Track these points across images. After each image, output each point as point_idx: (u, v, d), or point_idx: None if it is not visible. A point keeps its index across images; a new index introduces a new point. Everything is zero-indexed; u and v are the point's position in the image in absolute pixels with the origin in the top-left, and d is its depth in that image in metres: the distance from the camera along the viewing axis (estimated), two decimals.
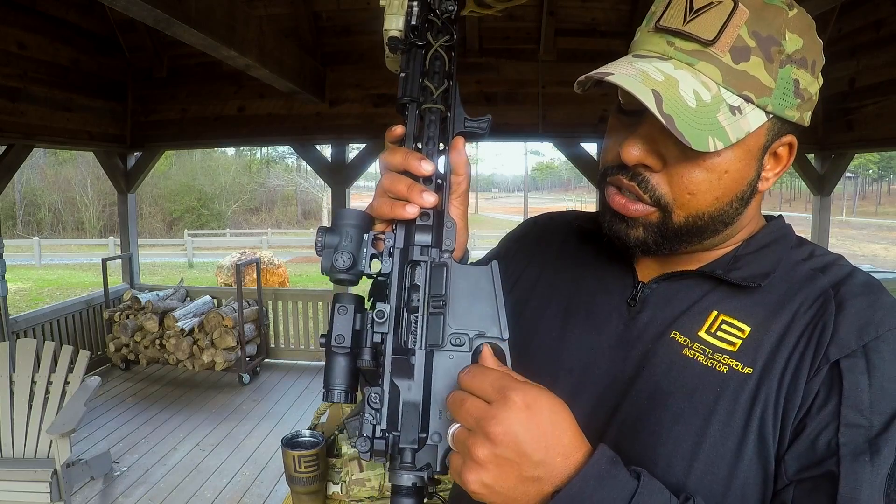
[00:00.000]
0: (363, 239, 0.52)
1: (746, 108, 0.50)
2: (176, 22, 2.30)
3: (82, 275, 13.44)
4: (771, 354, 0.52)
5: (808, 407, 0.49)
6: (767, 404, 0.50)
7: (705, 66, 0.49)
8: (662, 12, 0.52)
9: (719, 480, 0.50)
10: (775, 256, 0.58)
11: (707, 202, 0.53)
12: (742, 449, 0.50)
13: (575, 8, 4.43)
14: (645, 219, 0.55)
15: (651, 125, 0.52)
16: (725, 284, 0.57)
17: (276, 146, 23.44)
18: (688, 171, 0.52)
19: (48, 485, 2.34)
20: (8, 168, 3.95)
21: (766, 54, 0.50)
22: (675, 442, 0.51)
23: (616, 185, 0.55)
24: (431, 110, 0.55)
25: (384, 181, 0.53)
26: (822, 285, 0.54)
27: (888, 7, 3.96)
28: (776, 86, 0.50)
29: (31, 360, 2.70)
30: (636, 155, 0.52)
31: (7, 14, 3.68)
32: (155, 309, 4.75)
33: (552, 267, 0.68)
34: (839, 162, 5.00)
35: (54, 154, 24.20)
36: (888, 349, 0.49)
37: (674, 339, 0.56)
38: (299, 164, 30.42)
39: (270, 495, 2.98)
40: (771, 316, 0.54)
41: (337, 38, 4.65)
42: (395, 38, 0.57)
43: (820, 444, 0.48)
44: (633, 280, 0.62)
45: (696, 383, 0.53)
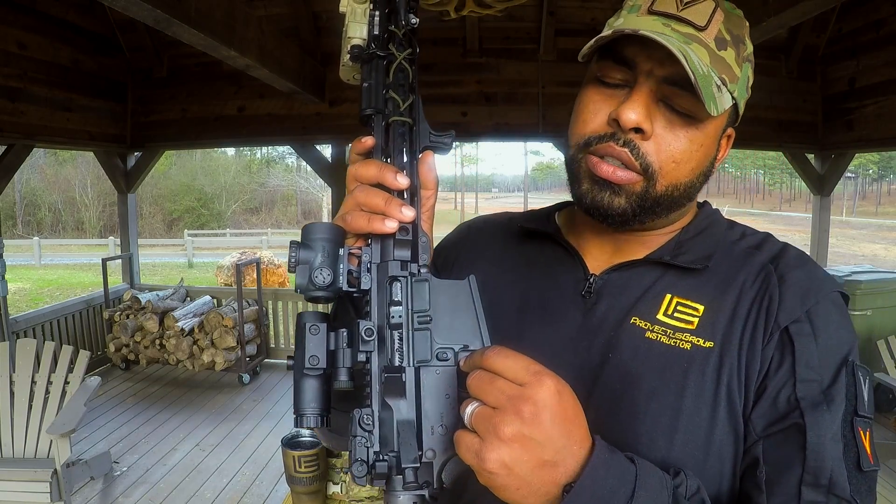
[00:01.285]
0: (339, 254, 0.50)
1: (723, 91, 0.55)
2: (176, 22, 2.30)
3: (82, 275, 13.44)
4: (727, 328, 0.56)
5: (766, 370, 0.54)
6: (732, 373, 0.55)
7: (697, 48, 0.54)
8: (653, 1, 0.56)
9: (699, 447, 0.54)
10: (713, 239, 0.63)
11: (686, 172, 0.57)
12: (715, 416, 0.54)
13: (575, 8, 4.43)
14: (630, 187, 0.57)
15: (646, 93, 0.55)
16: (673, 269, 0.60)
17: (276, 146, 23.46)
18: (675, 139, 0.56)
19: (48, 485, 2.34)
20: (8, 168, 3.95)
21: (736, 49, 0.56)
22: (654, 418, 0.54)
23: (601, 155, 0.56)
24: (400, 123, 0.54)
25: (358, 195, 0.51)
26: (761, 261, 0.60)
27: (888, 7, 3.96)
28: (740, 78, 0.57)
29: (31, 360, 2.70)
30: (634, 119, 0.54)
31: (7, 14, 3.68)
32: (155, 309, 4.75)
33: (498, 268, 0.68)
34: (839, 162, 4.99)
35: (54, 154, 24.21)
36: (826, 312, 0.56)
37: (634, 324, 0.58)
38: (299, 164, 30.42)
39: (270, 495, 2.98)
40: (720, 293, 0.58)
41: (337, 38, 4.63)
42: (358, 46, 0.56)
43: (781, 400, 0.53)
44: (585, 273, 0.64)
45: (663, 362, 0.56)
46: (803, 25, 4.42)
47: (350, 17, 0.58)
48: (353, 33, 0.57)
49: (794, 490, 0.51)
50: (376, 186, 0.51)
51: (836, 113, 4.63)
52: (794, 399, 0.52)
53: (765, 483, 0.52)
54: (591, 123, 0.58)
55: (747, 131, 4.75)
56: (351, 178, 0.53)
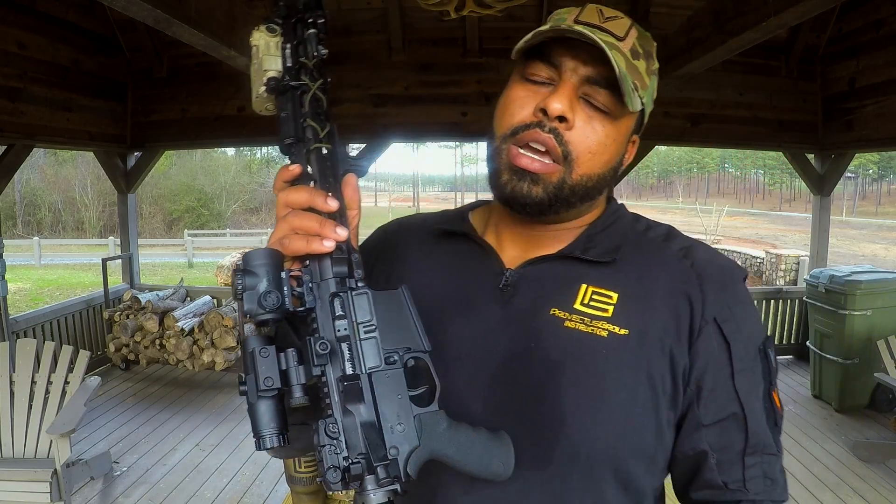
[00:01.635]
0: (282, 277, 0.52)
1: (636, 93, 0.60)
2: (176, 22, 2.30)
3: (82, 275, 13.44)
4: (643, 316, 0.61)
5: (704, 365, 0.61)
6: (653, 360, 0.60)
7: (616, 54, 0.58)
8: (576, 15, 0.62)
9: (619, 425, 0.59)
10: (620, 232, 0.68)
11: (599, 164, 0.62)
12: (634, 397, 0.59)
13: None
14: (548, 177, 0.61)
15: (570, 87, 0.60)
16: (585, 262, 0.65)
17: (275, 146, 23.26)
18: (592, 132, 0.61)
19: (48, 485, 2.34)
20: (8, 168, 3.95)
21: (646, 62, 0.62)
22: (576, 402, 0.59)
23: (525, 143, 0.61)
24: (321, 150, 0.57)
25: (293, 220, 0.54)
26: (672, 253, 0.66)
27: (888, 7, 3.96)
28: (649, 87, 0.63)
29: (31, 360, 2.70)
30: (560, 108, 0.59)
31: (7, 14, 3.68)
32: (155, 309, 4.76)
33: (417, 269, 0.71)
34: (839, 162, 5.00)
35: (54, 154, 24.20)
36: (740, 300, 0.64)
37: (553, 314, 0.62)
38: None
39: (270, 495, 2.98)
40: (633, 282, 0.63)
41: (337, 38, 4.65)
42: (274, 78, 0.58)
43: (723, 392, 0.61)
44: (501, 267, 0.67)
45: (583, 350, 0.60)
46: (803, 25, 4.42)
47: (264, 50, 0.60)
48: (269, 66, 0.59)
49: (739, 461, 0.61)
50: (307, 210, 0.54)
51: (836, 113, 4.63)
52: (734, 389, 0.61)
53: (716, 465, 0.61)
54: (518, 115, 0.62)
55: (747, 131, 4.76)
56: (282, 205, 0.55)
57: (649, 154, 5.39)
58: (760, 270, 14.07)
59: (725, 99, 4.67)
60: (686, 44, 3.18)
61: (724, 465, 0.61)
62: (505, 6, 3.06)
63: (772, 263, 13.27)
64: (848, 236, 26.55)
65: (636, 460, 0.61)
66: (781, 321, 5.26)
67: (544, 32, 0.60)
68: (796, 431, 3.73)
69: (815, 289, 4.24)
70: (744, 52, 3.01)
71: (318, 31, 0.58)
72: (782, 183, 52.22)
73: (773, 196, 54.68)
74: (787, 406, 4.18)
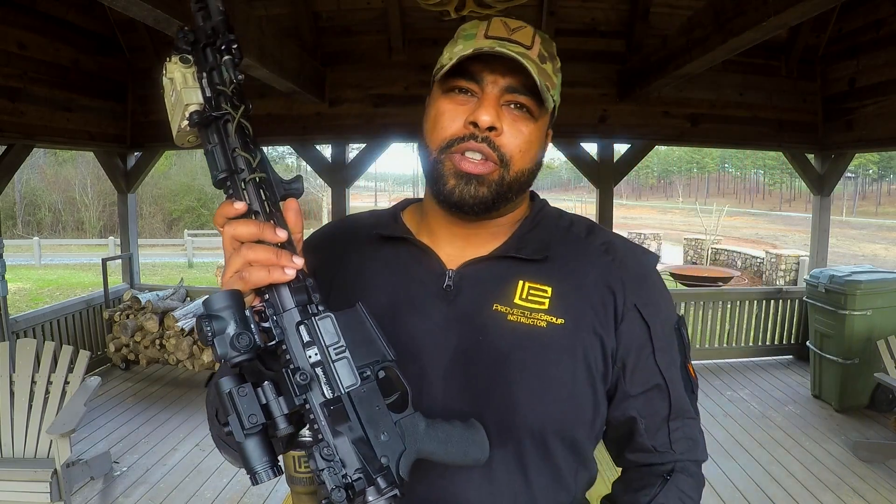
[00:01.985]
0: (247, 316, 0.52)
1: (548, 92, 0.66)
2: (176, 22, 2.30)
3: (82, 275, 13.44)
4: (575, 305, 0.70)
5: (628, 345, 0.71)
6: (587, 344, 0.69)
7: (527, 61, 0.64)
8: (485, 29, 0.67)
9: (564, 402, 0.68)
10: (548, 230, 0.76)
11: (528, 160, 0.70)
12: (575, 378, 0.69)
13: (575, 8, 4.43)
14: (489, 177, 0.67)
15: (493, 98, 0.66)
16: (520, 260, 0.72)
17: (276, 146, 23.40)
18: (518, 133, 0.68)
19: (48, 485, 2.34)
20: (8, 168, 3.95)
21: (552, 63, 0.69)
22: (525, 386, 0.67)
23: (462, 152, 0.67)
24: (257, 180, 0.56)
25: (247, 253, 0.54)
26: (596, 247, 0.74)
27: (888, 7, 3.96)
28: (557, 85, 0.70)
29: (31, 360, 2.70)
30: (489, 120, 0.65)
31: (7, 14, 3.68)
32: (155, 309, 4.75)
33: (359, 274, 0.74)
34: (839, 162, 5.00)
35: (54, 154, 24.20)
36: (656, 287, 0.75)
37: (496, 310, 0.69)
38: (299, 164, 30.41)
39: (270, 495, 2.98)
40: (564, 275, 0.71)
41: (337, 38, 4.65)
42: (197, 112, 0.57)
43: (646, 367, 0.71)
44: (442, 268, 0.73)
45: (526, 340, 0.68)
46: (803, 25, 4.41)
47: (181, 83, 0.58)
48: (189, 99, 0.57)
49: (664, 426, 0.72)
50: (256, 243, 0.55)
51: (836, 113, 4.63)
52: (655, 364, 0.71)
53: (645, 430, 0.72)
54: (450, 128, 0.68)
55: (747, 131, 4.76)
56: (229, 239, 0.56)
57: (649, 154, 5.39)
58: (760, 270, 14.07)
59: (725, 99, 4.67)
60: (686, 44, 3.18)
61: (651, 429, 0.72)
62: (505, 6, 3.06)
63: (772, 263, 13.27)
64: (848, 236, 26.54)
65: (579, 428, 0.71)
66: (781, 321, 5.26)
67: (466, 53, 0.65)
68: (796, 431, 3.72)
69: (815, 289, 4.24)
70: (744, 52, 3.00)
71: (234, 56, 0.57)
72: (782, 183, 52.21)
73: (773, 196, 54.68)
74: (786, 406, 4.19)
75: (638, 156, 4.91)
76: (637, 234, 19.33)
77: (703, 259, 16.10)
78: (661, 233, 20.43)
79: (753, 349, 5.28)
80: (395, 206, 0.84)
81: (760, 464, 3.29)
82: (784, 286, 7.71)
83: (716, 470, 3.22)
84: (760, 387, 4.58)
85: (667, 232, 23.86)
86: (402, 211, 0.82)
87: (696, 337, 5.21)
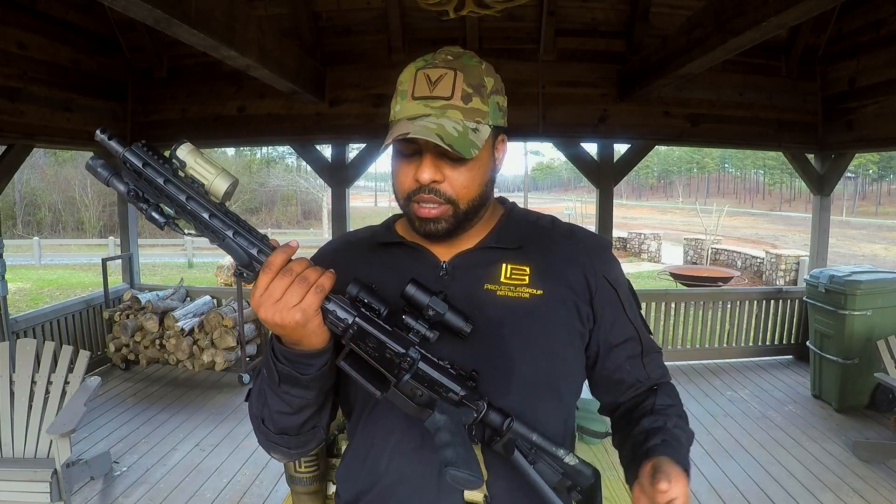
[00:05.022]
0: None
1: (480, 127, 0.80)
2: (176, 22, 2.30)
3: (82, 275, 13.44)
4: (550, 280, 0.85)
5: (604, 307, 0.88)
6: (566, 310, 0.85)
7: (452, 112, 0.78)
8: (413, 88, 0.80)
9: (550, 357, 0.84)
10: (520, 225, 0.92)
11: (475, 189, 0.82)
12: (557, 337, 0.85)
13: (575, 8, 4.43)
14: (444, 216, 0.81)
15: (432, 156, 0.78)
16: (501, 249, 0.87)
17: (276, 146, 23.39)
18: (459, 175, 0.80)
19: (48, 485, 2.34)
20: (8, 168, 3.95)
21: (479, 94, 0.80)
22: (519, 347, 0.82)
23: (419, 202, 0.81)
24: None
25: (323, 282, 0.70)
26: (561, 234, 0.92)
27: (888, 7, 3.96)
28: (489, 110, 0.81)
29: (31, 360, 2.70)
30: (427, 178, 0.79)
31: (7, 14, 3.68)
32: (155, 309, 4.75)
33: (364, 274, 0.81)
34: (839, 162, 4.99)
35: (54, 154, 24.18)
36: (614, 259, 0.94)
37: (487, 288, 0.85)
38: (299, 164, 30.38)
39: (270, 495, 2.98)
40: (538, 256, 0.87)
41: (337, 38, 4.65)
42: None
43: (621, 321, 0.90)
44: (436, 261, 0.87)
45: (515, 309, 0.83)
46: (803, 25, 4.42)
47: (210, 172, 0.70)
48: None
49: (640, 362, 0.91)
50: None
51: (836, 113, 4.62)
52: (627, 318, 0.91)
53: (628, 371, 0.91)
54: (404, 185, 0.82)
55: (747, 131, 4.76)
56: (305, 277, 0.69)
57: (649, 154, 5.39)
58: (760, 270, 14.06)
59: (725, 99, 4.67)
60: (686, 44, 3.18)
61: (633, 368, 0.91)
62: (504, 6, 3.06)
63: (772, 263, 13.26)
64: (848, 236, 26.53)
65: (564, 381, 0.87)
66: (781, 321, 5.26)
67: (393, 137, 0.77)
68: (796, 431, 3.72)
69: (815, 289, 4.24)
70: (744, 52, 3.00)
71: (172, 164, 0.69)
72: (782, 183, 52.19)
73: (773, 196, 54.64)
74: (786, 406, 4.18)
75: (638, 156, 4.91)
76: (637, 234, 19.28)
77: (703, 259, 16.10)
78: (661, 233, 20.37)
79: (753, 349, 5.28)
80: (386, 221, 0.98)
81: (760, 464, 3.29)
82: (784, 286, 7.71)
83: (716, 470, 3.22)
84: (760, 387, 4.58)
85: (667, 232, 23.81)
86: (393, 223, 0.96)
87: (696, 337, 5.21)
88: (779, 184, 52.77)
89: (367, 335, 0.70)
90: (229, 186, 0.69)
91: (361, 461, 0.86)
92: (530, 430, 0.77)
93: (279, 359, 0.73)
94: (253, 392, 0.84)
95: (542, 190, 77.89)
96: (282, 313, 0.66)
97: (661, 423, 0.84)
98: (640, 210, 47.12)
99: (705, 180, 64.06)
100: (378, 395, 0.71)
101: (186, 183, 0.68)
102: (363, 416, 0.86)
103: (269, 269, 0.67)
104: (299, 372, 0.72)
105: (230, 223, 0.69)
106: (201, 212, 0.68)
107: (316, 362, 0.73)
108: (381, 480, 0.83)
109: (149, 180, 0.68)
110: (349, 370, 0.71)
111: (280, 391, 0.75)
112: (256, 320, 4.96)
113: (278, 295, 0.66)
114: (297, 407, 0.77)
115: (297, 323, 0.67)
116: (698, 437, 3.40)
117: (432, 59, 0.82)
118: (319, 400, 0.79)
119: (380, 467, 0.83)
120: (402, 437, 0.82)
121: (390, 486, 0.82)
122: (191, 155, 0.69)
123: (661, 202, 56.35)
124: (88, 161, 0.70)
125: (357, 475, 0.86)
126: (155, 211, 0.68)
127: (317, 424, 0.84)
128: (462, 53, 0.83)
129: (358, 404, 0.87)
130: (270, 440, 0.83)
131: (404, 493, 0.81)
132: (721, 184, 64.42)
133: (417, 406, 0.73)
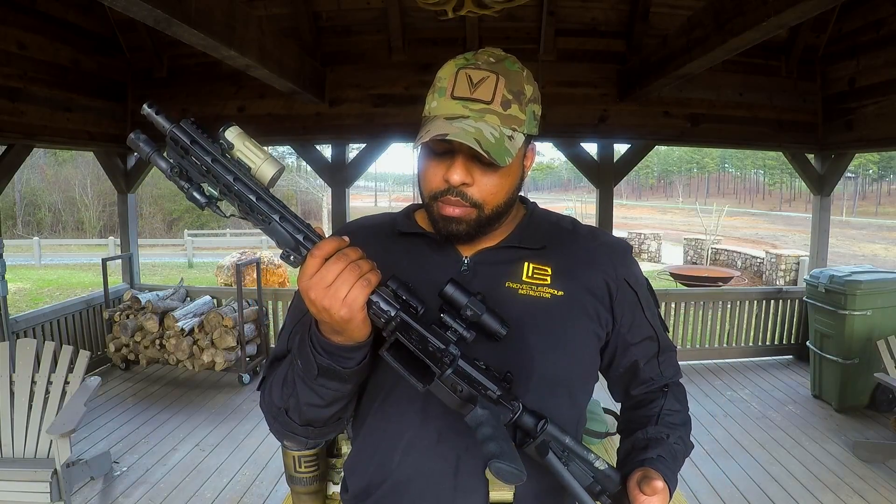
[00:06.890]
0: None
1: (515, 135, 0.79)
2: (176, 22, 2.30)
3: (82, 275, 13.44)
4: (571, 281, 0.86)
5: (625, 308, 0.89)
6: (585, 309, 0.86)
7: (491, 117, 0.77)
8: (453, 86, 0.77)
9: (569, 355, 0.84)
10: (542, 226, 0.92)
11: (502, 196, 0.82)
12: (575, 338, 0.85)
13: (575, 8, 4.43)
14: (467, 217, 0.80)
15: (464, 158, 0.77)
16: (523, 248, 0.87)
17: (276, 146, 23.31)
18: (489, 181, 0.80)
19: (48, 485, 2.34)
20: (8, 168, 3.95)
21: (518, 102, 0.79)
22: (538, 344, 0.82)
23: (445, 202, 0.80)
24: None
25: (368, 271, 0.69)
26: (582, 236, 0.92)
27: (888, 7, 3.96)
28: (526, 118, 0.80)
29: (31, 360, 2.70)
30: (458, 179, 0.77)
31: (7, 14, 3.67)
32: (155, 309, 4.75)
33: (381, 260, 0.79)
34: (839, 162, 4.99)
35: (54, 154, 24.19)
36: (635, 263, 0.95)
37: (509, 286, 0.84)
38: (299, 164, 30.35)
39: (270, 495, 2.98)
40: (560, 258, 0.87)
41: (337, 38, 4.65)
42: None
43: (640, 322, 0.91)
44: (458, 256, 0.87)
45: (535, 309, 0.83)
46: (803, 25, 4.42)
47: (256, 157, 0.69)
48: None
49: (656, 361, 0.94)
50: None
51: (836, 113, 4.62)
52: (646, 319, 0.92)
53: (644, 368, 0.93)
54: (432, 184, 0.81)
55: (747, 131, 4.76)
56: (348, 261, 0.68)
57: (649, 154, 5.39)
58: (760, 270, 14.06)
59: (725, 99, 4.67)
60: (686, 44, 3.17)
61: (648, 366, 0.93)
62: (503, 6, 3.06)
63: (772, 263, 13.26)
64: (848, 236, 26.53)
65: (579, 382, 0.88)
66: (781, 321, 5.26)
67: (430, 136, 0.75)
68: (796, 431, 3.73)
69: (815, 289, 4.24)
70: (744, 52, 3.00)
71: (220, 144, 0.67)
72: (782, 183, 52.20)
73: (773, 196, 54.65)
74: (786, 406, 4.18)
75: (638, 156, 4.91)
76: (637, 234, 19.27)
77: (703, 259, 16.10)
78: (661, 233, 20.37)
79: (753, 349, 5.28)
80: (406, 208, 0.96)
81: (760, 464, 3.29)
82: (784, 286, 7.71)
83: (716, 470, 3.22)
84: (760, 387, 4.58)
85: (667, 232, 23.81)
86: (414, 211, 0.94)
87: (696, 337, 5.21)
88: (779, 184, 52.78)
89: (410, 328, 0.70)
90: (276, 172, 0.68)
91: (371, 455, 0.85)
92: (563, 433, 0.77)
93: (318, 351, 0.72)
94: (273, 383, 0.83)
95: (542, 190, 77.83)
96: (331, 298, 0.65)
97: (664, 436, 0.87)
98: (640, 210, 47.11)
99: (705, 180, 64.06)
100: (420, 388, 0.70)
101: (234, 164, 0.67)
102: (372, 410, 0.85)
103: (319, 252, 0.65)
104: (340, 365, 0.72)
105: (277, 207, 0.67)
106: (248, 193, 0.66)
107: (356, 355, 0.72)
108: (393, 475, 0.82)
109: (197, 157, 0.66)
110: (392, 361, 0.70)
111: (315, 384, 0.74)
112: (256, 320, 4.97)
113: (330, 279, 0.65)
114: (330, 399, 0.77)
115: (343, 314, 0.66)
116: (698, 438, 3.41)
117: (474, 59, 0.79)
118: (353, 393, 0.79)
119: (392, 462, 0.82)
120: (417, 433, 0.81)
121: (403, 481, 0.82)
122: (239, 138, 0.68)
123: (661, 202, 56.34)
124: (131, 136, 0.69)
125: (366, 468, 0.86)
126: (197, 191, 0.66)
127: (342, 416, 0.84)
128: (505, 57, 0.81)
129: (365, 398, 0.86)
130: (291, 430, 0.83)
131: (417, 489, 0.81)
132: (721, 184, 64.42)
133: (461, 400, 0.72)
